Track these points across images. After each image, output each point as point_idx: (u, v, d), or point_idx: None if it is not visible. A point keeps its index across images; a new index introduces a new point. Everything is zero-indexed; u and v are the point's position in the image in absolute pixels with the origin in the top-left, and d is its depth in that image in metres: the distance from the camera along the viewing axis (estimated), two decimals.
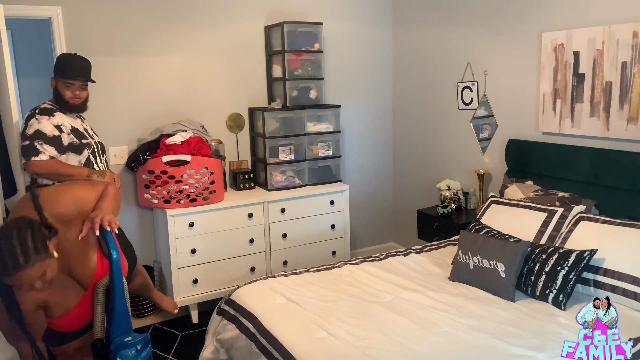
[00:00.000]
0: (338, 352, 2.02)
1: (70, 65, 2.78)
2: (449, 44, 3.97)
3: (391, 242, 4.84)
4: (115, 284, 1.96)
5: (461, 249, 2.73)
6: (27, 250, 1.73)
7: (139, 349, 1.93)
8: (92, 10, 3.48)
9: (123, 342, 1.93)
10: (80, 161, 2.78)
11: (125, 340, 1.95)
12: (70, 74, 2.76)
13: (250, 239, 3.64)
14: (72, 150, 2.75)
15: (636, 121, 2.81)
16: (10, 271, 1.71)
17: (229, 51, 3.94)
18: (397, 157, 4.67)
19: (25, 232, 1.76)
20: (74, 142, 2.75)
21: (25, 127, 2.69)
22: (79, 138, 2.79)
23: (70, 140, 2.74)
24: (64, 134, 2.73)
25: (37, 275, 1.77)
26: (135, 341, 1.94)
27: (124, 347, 1.92)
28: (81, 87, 2.81)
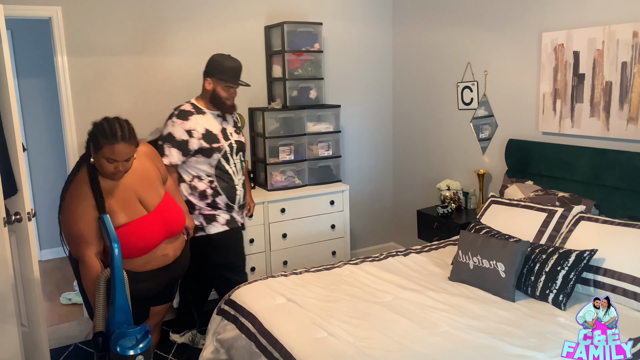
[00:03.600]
0: (338, 352, 2.02)
1: (229, 68, 2.90)
2: (449, 44, 3.97)
3: (391, 242, 4.84)
4: (115, 276, 2.00)
5: (461, 249, 2.73)
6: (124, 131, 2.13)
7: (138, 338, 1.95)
8: (92, 10, 3.48)
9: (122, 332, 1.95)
10: (210, 164, 2.90)
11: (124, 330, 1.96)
12: (230, 77, 2.89)
13: (251, 239, 3.64)
14: (202, 154, 2.88)
15: (636, 121, 2.81)
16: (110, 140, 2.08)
17: (229, 51, 3.92)
18: (397, 157, 4.67)
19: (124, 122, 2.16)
20: (204, 146, 2.86)
21: (165, 125, 2.94)
22: (210, 142, 2.88)
23: (199, 145, 2.85)
24: (194, 138, 2.85)
25: (125, 152, 2.13)
26: (134, 330, 1.95)
27: (124, 336, 1.94)
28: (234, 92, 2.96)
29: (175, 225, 2.41)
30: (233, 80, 2.91)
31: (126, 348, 1.91)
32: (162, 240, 2.34)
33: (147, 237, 2.27)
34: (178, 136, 2.84)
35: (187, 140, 2.83)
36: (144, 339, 1.96)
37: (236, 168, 3.00)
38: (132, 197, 2.29)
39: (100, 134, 2.12)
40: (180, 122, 2.85)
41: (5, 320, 2.49)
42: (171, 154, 2.83)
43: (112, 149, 2.11)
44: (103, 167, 2.16)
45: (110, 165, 2.15)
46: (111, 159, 2.13)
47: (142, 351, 1.92)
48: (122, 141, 2.12)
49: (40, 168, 4.91)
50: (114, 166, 2.15)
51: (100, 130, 2.13)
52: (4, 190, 2.52)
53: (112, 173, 2.18)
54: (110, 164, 2.14)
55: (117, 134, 2.11)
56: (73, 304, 3.93)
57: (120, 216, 2.22)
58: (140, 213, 2.29)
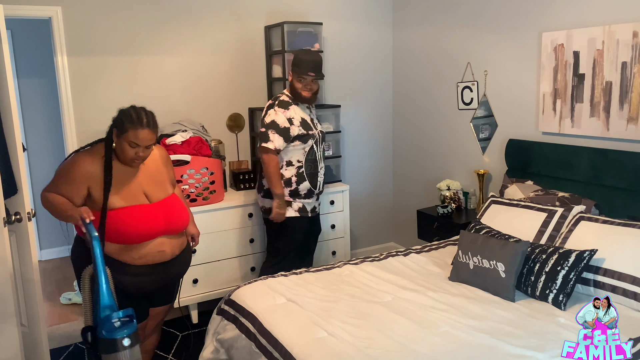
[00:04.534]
0: (338, 352, 2.02)
1: (304, 62, 3.11)
2: (449, 44, 3.97)
3: (391, 242, 4.84)
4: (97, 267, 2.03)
5: (461, 249, 2.73)
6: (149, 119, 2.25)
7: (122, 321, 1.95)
8: (92, 10, 3.48)
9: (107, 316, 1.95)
10: (304, 149, 3.19)
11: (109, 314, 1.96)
12: (303, 69, 3.10)
13: (250, 239, 3.64)
14: (300, 139, 3.16)
15: (636, 121, 2.81)
16: (136, 124, 2.20)
17: (229, 51, 3.94)
18: (397, 157, 4.67)
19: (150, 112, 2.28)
20: (302, 132, 3.14)
21: (264, 115, 3.19)
22: (307, 129, 3.17)
23: (299, 132, 3.14)
24: (294, 126, 3.13)
25: (148, 138, 2.23)
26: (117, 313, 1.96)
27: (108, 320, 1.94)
28: (313, 81, 3.13)
29: (175, 222, 2.41)
30: (305, 71, 3.10)
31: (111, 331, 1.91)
32: (159, 232, 2.34)
33: (142, 224, 2.28)
34: (281, 123, 3.11)
35: (289, 127, 3.12)
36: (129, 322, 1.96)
37: (322, 155, 3.31)
38: (138, 188, 2.34)
39: (126, 118, 2.23)
40: (282, 111, 3.13)
41: (5, 320, 2.49)
42: (275, 139, 3.10)
43: (136, 134, 2.21)
44: (124, 151, 2.24)
45: (132, 150, 2.24)
46: (134, 143, 2.22)
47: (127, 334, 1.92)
48: (147, 127, 2.23)
49: (40, 168, 4.91)
50: (135, 151, 2.24)
51: (127, 115, 2.24)
52: (4, 190, 2.52)
53: (131, 158, 2.26)
54: (132, 148, 2.23)
55: (143, 120, 2.23)
56: (73, 304, 3.93)
57: (117, 200, 2.26)
58: (141, 201, 2.33)
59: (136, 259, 2.30)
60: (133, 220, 2.27)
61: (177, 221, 2.42)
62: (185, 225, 2.50)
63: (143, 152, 2.27)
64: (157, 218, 2.33)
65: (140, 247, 2.30)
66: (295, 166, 3.20)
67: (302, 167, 3.21)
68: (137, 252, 2.30)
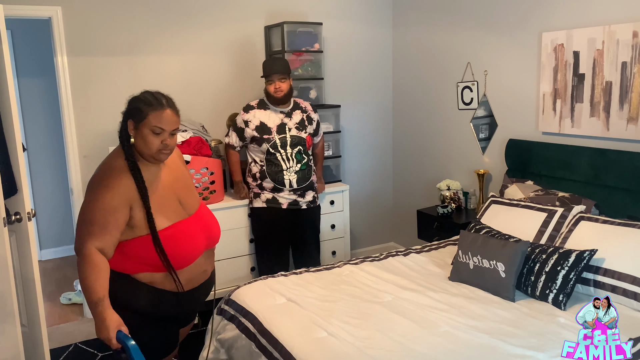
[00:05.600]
0: (338, 352, 2.02)
1: (267, 66, 3.37)
2: (449, 44, 3.97)
3: (391, 242, 4.84)
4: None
5: (461, 249, 2.73)
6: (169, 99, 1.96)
7: None
8: (92, 10, 3.48)
9: None
10: (262, 150, 3.36)
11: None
12: (267, 71, 3.34)
13: (251, 239, 3.64)
14: (255, 141, 3.38)
15: (636, 121, 2.81)
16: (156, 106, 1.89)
17: (229, 51, 3.94)
18: (397, 157, 4.67)
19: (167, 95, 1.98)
20: (255, 135, 3.36)
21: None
22: (261, 133, 3.35)
23: (252, 134, 3.37)
24: (248, 128, 3.38)
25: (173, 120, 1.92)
26: None
27: None
28: (280, 80, 3.32)
29: (214, 234, 2.13)
30: (269, 73, 3.33)
31: None
32: (204, 249, 2.05)
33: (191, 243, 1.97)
34: (238, 123, 3.44)
35: (243, 129, 3.40)
36: None
37: (287, 157, 3.36)
38: (172, 197, 2.01)
39: (143, 103, 1.91)
40: (242, 114, 3.44)
41: (5, 320, 2.49)
42: (232, 136, 3.48)
43: (159, 116, 1.88)
44: (148, 142, 1.89)
45: (157, 139, 1.89)
46: (158, 128, 1.88)
47: None
48: (169, 107, 1.92)
49: (40, 168, 4.91)
50: (160, 139, 1.90)
51: (143, 100, 1.92)
52: (4, 190, 2.52)
53: (158, 150, 1.91)
54: (157, 136, 1.89)
55: (162, 101, 1.93)
56: (73, 303, 3.93)
57: (160, 219, 1.92)
58: (181, 216, 2.00)
59: (184, 284, 1.98)
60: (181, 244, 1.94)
61: (215, 233, 2.14)
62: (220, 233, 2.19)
63: (170, 140, 1.93)
64: (200, 235, 2.03)
65: (185, 271, 1.98)
66: (258, 164, 3.40)
67: (263, 165, 3.38)
68: (183, 277, 1.97)
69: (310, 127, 3.51)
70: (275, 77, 3.32)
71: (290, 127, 3.41)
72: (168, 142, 1.93)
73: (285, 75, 3.35)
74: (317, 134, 3.60)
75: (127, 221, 1.88)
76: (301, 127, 3.44)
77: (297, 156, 3.39)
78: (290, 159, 3.39)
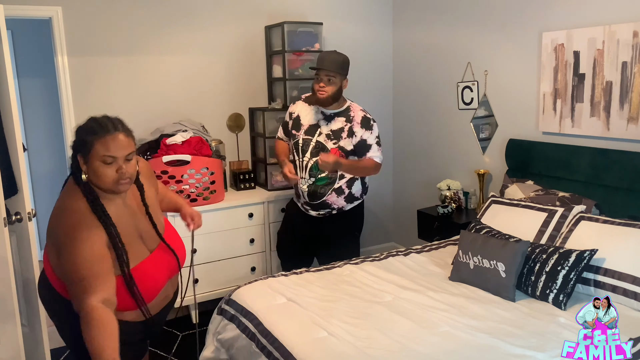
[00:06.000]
0: (338, 352, 2.02)
1: (318, 59, 3.01)
2: (449, 44, 3.97)
3: (391, 242, 4.83)
4: None
5: (461, 248, 2.73)
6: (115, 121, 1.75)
7: None
8: (92, 10, 3.48)
9: None
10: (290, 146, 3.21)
11: None
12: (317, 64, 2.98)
13: (251, 239, 3.64)
14: (288, 135, 3.22)
15: (636, 121, 2.81)
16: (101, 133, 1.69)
17: (229, 51, 3.94)
18: (397, 157, 4.67)
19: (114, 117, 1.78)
20: (290, 129, 3.18)
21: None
22: (293, 127, 3.15)
23: (290, 127, 3.18)
24: (291, 120, 3.18)
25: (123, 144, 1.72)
26: None
27: None
28: (325, 77, 2.94)
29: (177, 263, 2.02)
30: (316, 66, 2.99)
31: None
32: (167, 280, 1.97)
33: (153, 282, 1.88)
34: (286, 117, 3.26)
35: (287, 122, 3.23)
36: None
37: (303, 165, 3.09)
38: (134, 233, 1.85)
39: (87, 133, 1.72)
40: (290, 106, 3.25)
41: (5, 320, 2.49)
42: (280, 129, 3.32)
43: (106, 143, 1.69)
44: (101, 175, 1.71)
45: (110, 169, 1.71)
46: (108, 157, 1.69)
47: None
48: (116, 131, 1.72)
49: (40, 168, 4.91)
50: (115, 168, 1.71)
51: (87, 129, 1.73)
52: (4, 190, 2.52)
53: (114, 180, 1.72)
54: (110, 166, 1.71)
55: (108, 125, 1.72)
56: None
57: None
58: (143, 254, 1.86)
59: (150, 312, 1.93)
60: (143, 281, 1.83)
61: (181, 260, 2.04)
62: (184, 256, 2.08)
63: (126, 167, 1.73)
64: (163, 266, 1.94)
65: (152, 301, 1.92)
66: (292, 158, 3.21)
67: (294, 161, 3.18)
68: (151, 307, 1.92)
69: (348, 140, 2.99)
70: (322, 73, 2.92)
71: (323, 132, 3.01)
72: (124, 169, 1.73)
73: (335, 74, 2.92)
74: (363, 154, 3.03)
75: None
76: (333, 137, 3.00)
77: (313, 168, 3.03)
78: (303, 168, 3.06)
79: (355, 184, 3.14)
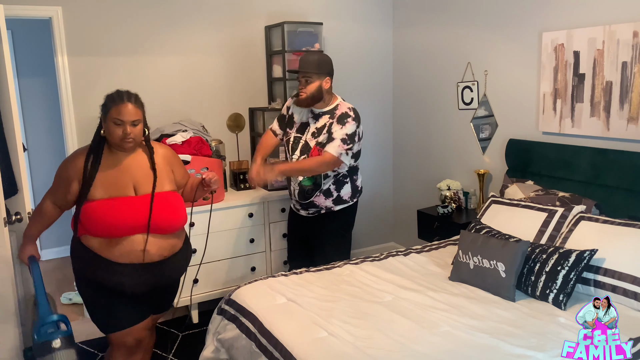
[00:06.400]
0: (338, 352, 2.02)
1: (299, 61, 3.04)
2: (449, 44, 3.97)
3: (391, 242, 4.84)
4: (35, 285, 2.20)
5: (461, 248, 2.73)
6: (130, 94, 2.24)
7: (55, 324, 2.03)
8: (92, 10, 3.48)
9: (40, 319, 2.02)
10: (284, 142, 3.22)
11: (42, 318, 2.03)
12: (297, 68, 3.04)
13: (251, 239, 3.64)
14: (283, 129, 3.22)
15: (636, 121, 2.81)
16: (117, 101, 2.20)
17: (229, 51, 3.94)
18: (397, 157, 4.67)
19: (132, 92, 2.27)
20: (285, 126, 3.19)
21: None
22: (288, 126, 3.17)
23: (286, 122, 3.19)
24: (287, 115, 3.19)
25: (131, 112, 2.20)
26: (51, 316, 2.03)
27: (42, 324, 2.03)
28: (306, 82, 2.98)
29: (162, 221, 2.26)
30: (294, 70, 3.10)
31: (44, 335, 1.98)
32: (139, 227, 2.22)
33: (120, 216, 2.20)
34: (282, 110, 3.25)
35: (285, 115, 3.22)
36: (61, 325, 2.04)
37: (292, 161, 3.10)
38: (127, 181, 2.27)
39: (108, 99, 2.24)
40: (289, 100, 3.23)
41: (5, 320, 2.49)
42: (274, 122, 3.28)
43: (118, 109, 2.18)
44: (112, 132, 2.21)
45: (118, 129, 2.20)
46: (118, 120, 2.19)
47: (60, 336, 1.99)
48: (128, 101, 2.21)
49: (40, 168, 4.91)
50: (121, 129, 2.19)
51: (109, 96, 2.24)
52: (4, 190, 2.52)
53: (120, 138, 2.21)
54: (118, 126, 2.20)
55: (123, 96, 2.22)
56: (73, 303, 3.93)
57: (98, 192, 2.22)
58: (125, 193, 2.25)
59: (117, 256, 2.20)
60: (111, 212, 2.19)
61: (164, 220, 2.27)
62: (175, 226, 2.34)
63: (131, 130, 2.20)
64: (138, 212, 2.22)
65: (120, 244, 2.20)
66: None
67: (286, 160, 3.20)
68: (118, 249, 2.20)
69: (325, 136, 2.98)
70: (300, 74, 2.99)
71: (311, 130, 3.05)
72: (128, 131, 2.20)
73: (311, 74, 2.94)
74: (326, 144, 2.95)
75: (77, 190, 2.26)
76: (317, 134, 3.02)
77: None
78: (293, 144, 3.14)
79: (344, 187, 3.11)
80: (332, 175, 3.06)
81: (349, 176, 3.12)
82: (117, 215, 2.20)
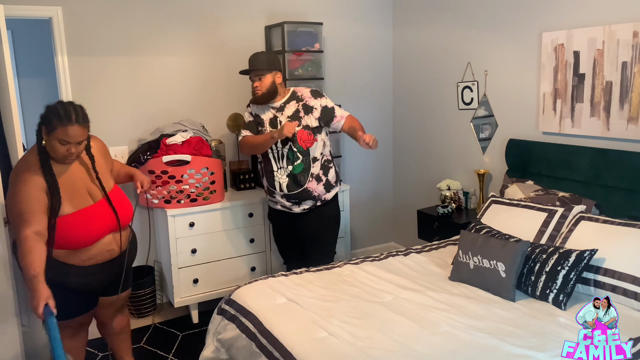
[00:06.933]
0: (338, 352, 2.02)
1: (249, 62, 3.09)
2: (449, 44, 3.97)
3: (391, 242, 4.84)
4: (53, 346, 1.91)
5: (461, 248, 2.73)
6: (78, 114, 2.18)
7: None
8: (92, 10, 3.48)
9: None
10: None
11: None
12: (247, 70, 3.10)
13: (251, 238, 3.64)
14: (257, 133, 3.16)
15: (636, 121, 2.81)
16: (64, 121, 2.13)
17: (229, 51, 3.94)
18: (397, 157, 4.67)
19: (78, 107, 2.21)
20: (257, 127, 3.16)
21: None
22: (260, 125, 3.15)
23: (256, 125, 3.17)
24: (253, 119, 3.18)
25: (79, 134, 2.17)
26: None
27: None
28: (255, 77, 3.05)
29: (125, 217, 2.43)
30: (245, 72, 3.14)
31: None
32: (107, 231, 2.33)
33: (90, 228, 2.26)
34: (246, 118, 3.23)
35: (252, 120, 3.19)
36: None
37: (278, 155, 3.08)
38: (81, 187, 2.30)
39: (54, 116, 2.14)
40: (247, 109, 3.25)
41: (5, 320, 2.49)
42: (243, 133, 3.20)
43: (65, 131, 2.13)
44: (55, 149, 2.18)
45: (63, 148, 2.17)
46: (64, 141, 2.16)
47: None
48: (76, 123, 2.16)
49: None
50: (66, 148, 2.18)
51: (54, 112, 2.15)
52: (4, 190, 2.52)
53: (64, 156, 2.20)
54: (63, 146, 2.17)
55: (72, 117, 2.15)
56: None
57: (66, 206, 2.22)
58: (87, 203, 2.30)
59: (85, 260, 2.29)
60: (82, 225, 2.24)
61: (126, 215, 2.43)
62: (129, 218, 2.47)
63: (75, 149, 2.21)
64: (104, 218, 2.32)
65: (89, 249, 2.29)
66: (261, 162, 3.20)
67: (262, 161, 3.18)
68: (87, 254, 2.29)
69: (309, 117, 3.05)
70: (252, 74, 3.06)
71: (282, 121, 3.07)
72: (73, 151, 2.20)
73: (262, 71, 3.02)
74: (331, 120, 3.09)
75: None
76: (294, 119, 3.05)
77: (289, 154, 3.05)
78: (280, 158, 3.08)
79: (330, 171, 3.19)
80: (320, 159, 3.13)
81: (332, 161, 3.25)
82: (88, 226, 2.26)
